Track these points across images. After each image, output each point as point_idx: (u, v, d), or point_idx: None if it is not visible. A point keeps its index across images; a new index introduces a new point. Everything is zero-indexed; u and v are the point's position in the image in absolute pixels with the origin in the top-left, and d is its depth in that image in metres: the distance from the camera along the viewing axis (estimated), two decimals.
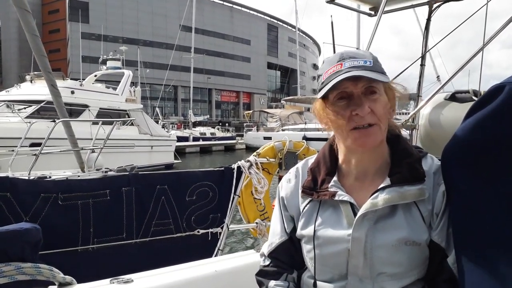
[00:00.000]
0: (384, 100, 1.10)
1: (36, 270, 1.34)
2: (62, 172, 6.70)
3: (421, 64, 3.03)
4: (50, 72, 5.02)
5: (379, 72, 1.08)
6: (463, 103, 2.58)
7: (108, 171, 8.13)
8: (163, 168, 19.18)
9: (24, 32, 4.58)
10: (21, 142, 8.09)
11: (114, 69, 23.13)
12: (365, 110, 1.05)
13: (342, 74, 1.06)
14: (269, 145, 3.09)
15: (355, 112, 1.06)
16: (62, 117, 5.68)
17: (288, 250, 1.25)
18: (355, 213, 1.09)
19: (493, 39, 2.44)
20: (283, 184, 1.32)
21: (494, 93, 0.84)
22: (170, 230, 2.65)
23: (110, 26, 57.17)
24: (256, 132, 37.50)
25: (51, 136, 6.95)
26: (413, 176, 1.08)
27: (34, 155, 6.43)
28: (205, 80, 63.07)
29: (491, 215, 0.86)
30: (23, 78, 18.11)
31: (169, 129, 31.59)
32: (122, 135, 16.38)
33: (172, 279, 1.63)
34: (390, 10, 3.18)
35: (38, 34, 4.81)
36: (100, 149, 8.19)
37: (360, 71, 1.05)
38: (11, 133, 11.97)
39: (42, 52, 4.81)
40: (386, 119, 1.11)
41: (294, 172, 1.30)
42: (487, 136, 0.86)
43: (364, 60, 1.09)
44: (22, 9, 4.43)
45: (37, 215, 2.25)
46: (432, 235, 1.06)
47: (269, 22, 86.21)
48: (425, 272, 1.09)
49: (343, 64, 1.08)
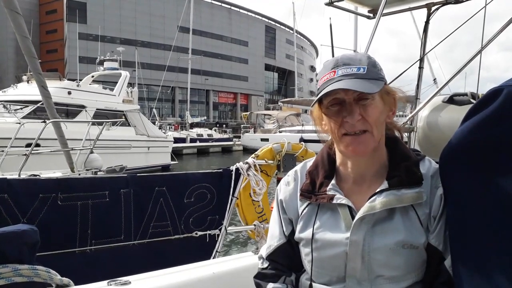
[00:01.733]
0: (378, 106, 1.10)
1: (33, 272, 1.34)
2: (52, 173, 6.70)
3: (419, 67, 3.04)
4: (40, 73, 5.08)
5: (373, 79, 1.08)
6: (461, 105, 2.59)
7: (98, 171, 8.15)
8: (159, 169, 19.22)
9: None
10: (10, 143, 8.08)
11: (111, 70, 23.11)
12: (355, 117, 1.07)
13: (333, 84, 1.07)
14: (267, 147, 3.09)
15: (345, 119, 1.08)
16: (52, 118, 5.81)
17: (287, 253, 1.26)
18: (353, 216, 1.10)
19: (491, 41, 2.44)
20: (282, 187, 1.32)
21: (492, 96, 0.85)
22: (168, 232, 2.64)
23: (107, 27, 57.04)
24: (253, 133, 37.47)
25: (47, 136, 6.96)
26: (410, 179, 1.09)
27: (24, 155, 6.42)
28: (202, 81, 62.99)
29: (488, 218, 0.86)
30: (20, 79, 18.09)
31: (166, 130, 31.55)
32: (118, 136, 16.43)
33: (170, 281, 1.63)
34: (388, 12, 3.19)
35: (29, 36, 4.88)
36: (90, 150, 8.19)
37: (350, 81, 1.06)
38: (5, 133, 11.92)
39: (32, 54, 4.86)
40: (381, 125, 1.11)
41: (293, 175, 1.31)
42: (485, 138, 0.86)
43: (358, 67, 1.09)
44: (12, 11, 4.47)
45: (35, 216, 2.24)
46: (430, 238, 1.07)
47: (266, 24, 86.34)
48: (422, 275, 1.09)
49: (336, 72, 1.09)
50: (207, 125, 48.24)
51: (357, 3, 3.20)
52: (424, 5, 3.05)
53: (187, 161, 28.07)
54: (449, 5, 2.87)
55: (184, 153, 31.19)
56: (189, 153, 32.22)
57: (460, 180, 0.93)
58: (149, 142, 19.29)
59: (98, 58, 26.66)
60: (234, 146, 37.76)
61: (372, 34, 2.80)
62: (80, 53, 48.07)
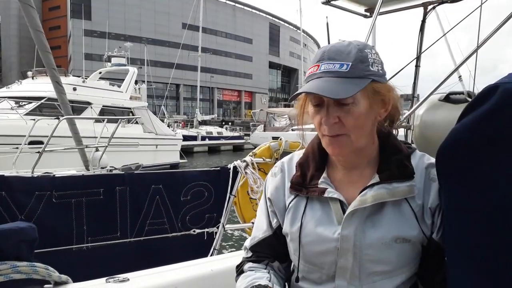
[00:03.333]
0: (359, 109, 1.03)
1: (31, 269, 1.35)
2: (67, 170, 6.70)
3: (416, 65, 3.05)
4: (54, 68, 4.96)
5: (356, 77, 1.02)
6: (457, 104, 2.59)
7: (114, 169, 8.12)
8: (168, 168, 18.82)
9: (24, 29, 4.62)
10: (25, 140, 8.06)
11: (119, 66, 22.78)
12: (330, 121, 1.03)
13: (312, 80, 1.04)
14: (265, 145, 3.12)
15: (322, 121, 1.05)
16: (67, 115, 5.62)
17: (271, 245, 1.22)
18: (344, 210, 1.07)
19: (487, 41, 2.44)
20: (269, 179, 1.28)
21: (488, 94, 0.84)
22: (165, 230, 2.66)
23: (112, 24, 56.98)
24: (263, 132, 36.55)
25: (54, 134, 6.91)
26: (401, 173, 1.06)
27: (38, 153, 6.39)
28: (208, 79, 62.85)
29: (483, 215, 0.86)
30: (25, 75, 17.85)
31: (174, 128, 31.30)
32: (126, 133, 16.07)
33: (169, 278, 1.62)
34: (385, 11, 3.19)
35: (42, 30, 4.78)
36: (105, 148, 8.14)
37: (328, 81, 1.01)
38: (11, 130, 11.93)
39: (46, 48, 4.77)
40: (362, 127, 1.05)
41: (280, 166, 1.26)
42: (481, 136, 0.86)
43: (341, 63, 1.02)
44: (26, 4, 4.43)
45: (32, 213, 2.26)
46: (434, 235, 1.05)
47: (271, 21, 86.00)
48: (415, 269, 1.08)
49: (319, 66, 1.04)
50: (212, 123, 48.05)
51: (354, 2, 3.19)
52: (420, 4, 3.05)
53: (198, 159, 27.67)
54: (445, 4, 2.88)
55: (195, 151, 31.01)
56: (200, 151, 32.03)
57: (456, 177, 0.93)
58: (157, 140, 18.88)
59: (106, 54, 26.36)
60: (246, 144, 37.10)
61: (369, 33, 2.80)
62: (84, 50, 48.09)
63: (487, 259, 0.86)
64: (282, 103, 64.31)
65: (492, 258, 0.86)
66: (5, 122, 12.74)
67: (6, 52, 64.49)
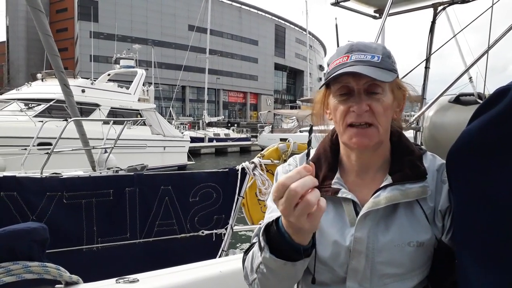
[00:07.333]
0: (387, 100, 1.05)
1: (43, 269, 1.36)
2: (74, 171, 6.78)
3: (425, 67, 3.03)
4: (62, 71, 5.05)
5: (386, 69, 1.04)
6: (467, 105, 2.57)
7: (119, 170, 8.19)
8: (175, 170, 18.99)
9: (31, 31, 4.69)
10: (33, 141, 8.15)
11: (128, 68, 22.91)
12: (362, 108, 1.02)
13: (345, 68, 1.02)
14: (273, 147, 3.12)
15: (352, 109, 1.03)
16: (74, 116, 5.73)
17: None
18: (357, 212, 1.06)
19: (498, 41, 2.42)
20: (280, 168, 1.26)
21: (500, 96, 0.84)
22: (174, 231, 2.67)
23: (119, 26, 57.38)
24: (271, 133, 35.89)
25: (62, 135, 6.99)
26: (414, 173, 1.06)
27: (46, 154, 6.47)
28: (213, 81, 63.00)
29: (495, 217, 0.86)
30: (35, 77, 18.01)
31: (181, 129, 31.42)
32: (134, 135, 16.19)
33: (178, 279, 1.63)
34: (395, 12, 3.18)
35: (51, 34, 4.87)
36: (111, 149, 8.22)
37: (364, 67, 1.01)
38: (20, 132, 12.07)
39: (55, 51, 4.86)
40: (387, 120, 1.06)
41: (294, 163, 1.24)
42: (492, 138, 0.85)
43: (372, 55, 1.04)
44: (35, 9, 4.49)
45: (43, 214, 2.28)
46: (442, 236, 1.04)
47: (276, 23, 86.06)
48: (427, 272, 1.07)
49: (350, 57, 1.04)
50: (218, 125, 48.14)
51: (363, 3, 3.18)
52: (430, 5, 3.03)
53: (205, 161, 27.63)
54: (456, 4, 2.86)
55: (202, 152, 31.04)
56: (207, 152, 32.04)
57: (467, 179, 0.93)
58: (165, 141, 18.90)
59: (114, 56, 26.53)
60: (253, 146, 37.03)
61: (379, 34, 2.79)
62: (91, 52, 48.48)
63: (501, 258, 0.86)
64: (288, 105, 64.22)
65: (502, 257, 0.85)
66: (14, 124, 12.90)
67: (14, 54, 65.14)
